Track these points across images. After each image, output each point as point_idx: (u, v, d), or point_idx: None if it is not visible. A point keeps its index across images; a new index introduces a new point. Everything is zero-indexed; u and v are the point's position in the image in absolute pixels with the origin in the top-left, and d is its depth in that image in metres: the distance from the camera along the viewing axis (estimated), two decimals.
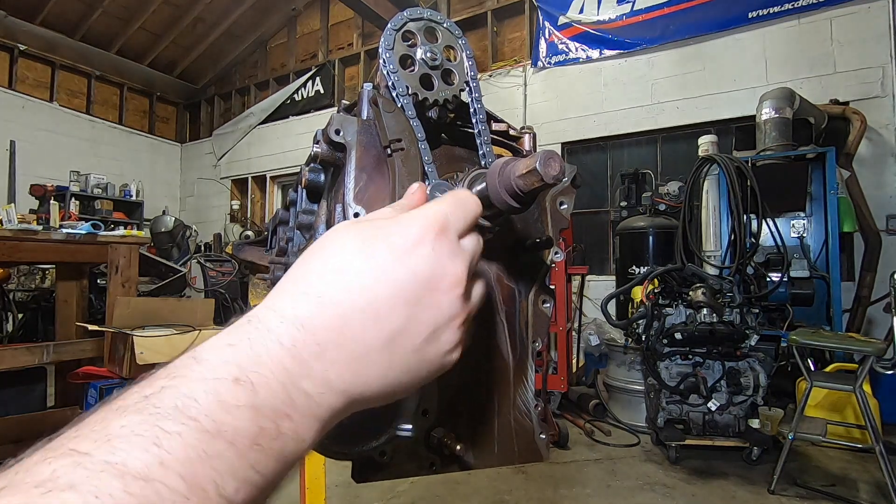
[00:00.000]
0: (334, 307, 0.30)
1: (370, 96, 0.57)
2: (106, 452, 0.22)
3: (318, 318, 0.30)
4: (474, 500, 2.73)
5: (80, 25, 8.86)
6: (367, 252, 0.32)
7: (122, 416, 0.24)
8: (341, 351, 0.30)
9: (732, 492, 2.84)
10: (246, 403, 0.26)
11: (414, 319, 0.32)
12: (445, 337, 0.34)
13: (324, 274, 0.32)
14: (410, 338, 0.32)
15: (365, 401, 0.32)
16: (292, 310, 0.30)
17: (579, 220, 6.53)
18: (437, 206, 0.36)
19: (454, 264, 0.34)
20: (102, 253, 2.83)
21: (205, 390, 0.25)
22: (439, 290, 0.33)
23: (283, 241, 0.82)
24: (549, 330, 2.94)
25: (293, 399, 0.28)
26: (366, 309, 0.31)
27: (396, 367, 0.32)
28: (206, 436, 0.24)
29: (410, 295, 0.32)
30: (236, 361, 0.27)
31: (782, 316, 4.00)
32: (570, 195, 0.64)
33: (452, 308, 0.34)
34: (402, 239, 0.33)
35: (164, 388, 0.25)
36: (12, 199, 7.35)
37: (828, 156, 4.20)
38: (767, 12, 5.63)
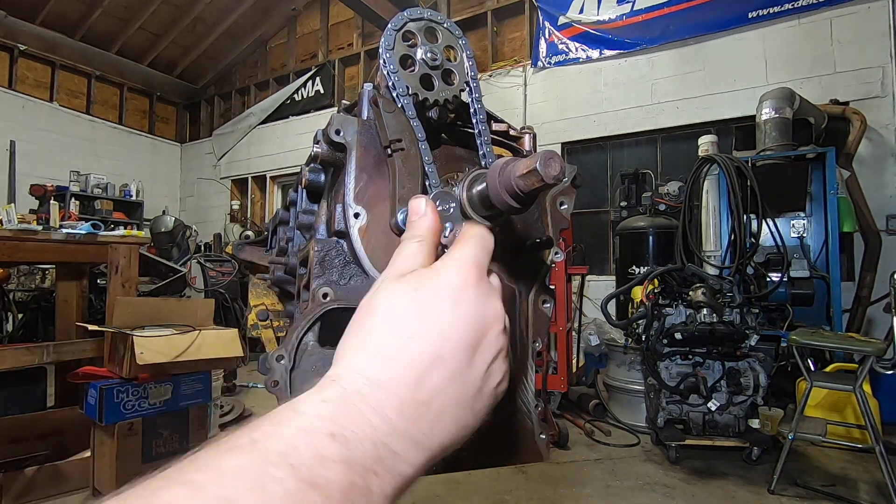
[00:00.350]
0: (408, 366, 0.33)
1: (370, 96, 0.57)
2: (219, 487, 0.24)
3: (395, 378, 0.32)
4: (474, 500, 2.73)
5: (80, 25, 8.86)
6: (422, 307, 0.35)
7: (234, 455, 0.26)
8: (419, 406, 0.32)
9: (732, 492, 2.83)
10: (340, 459, 0.27)
11: (473, 362, 0.35)
12: (496, 371, 0.37)
13: (389, 336, 0.34)
14: (473, 379, 0.35)
15: (442, 450, 0.34)
16: (373, 372, 0.32)
17: (579, 220, 6.53)
18: (468, 252, 0.38)
19: (493, 303, 0.37)
20: (102, 253, 2.83)
21: (305, 442, 0.27)
22: (486, 330, 0.36)
23: (283, 241, 0.82)
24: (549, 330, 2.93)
25: (381, 456, 0.30)
26: (434, 360, 0.33)
27: (466, 407, 0.35)
28: (305, 486, 0.25)
29: (466, 340, 0.35)
30: (331, 417, 0.29)
31: (782, 316, 4.00)
32: (570, 195, 0.64)
33: (499, 343, 0.37)
34: (448, 288, 0.35)
35: (270, 435, 0.27)
36: (12, 199, 7.35)
37: (828, 156, 4.20)
38: (767, 12, 5.63)
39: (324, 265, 0.53)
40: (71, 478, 2.61)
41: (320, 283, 0.52)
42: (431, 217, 0.41)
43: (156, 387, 2.46)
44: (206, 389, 2.64)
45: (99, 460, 2.48)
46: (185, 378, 2.54)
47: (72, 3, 8.48)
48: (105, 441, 2.42)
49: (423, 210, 0.42)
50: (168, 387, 2.49)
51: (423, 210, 0.42)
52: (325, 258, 0.53)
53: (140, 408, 2.42)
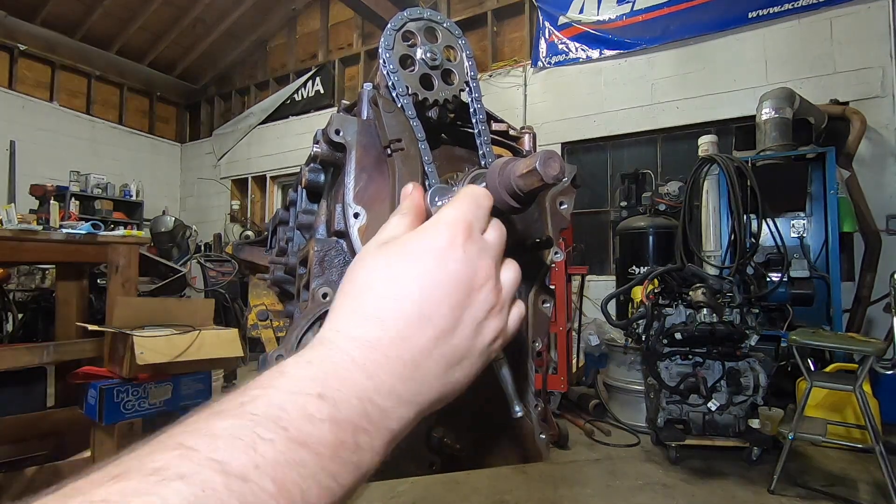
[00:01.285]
0: (394, 326, 0.33)
1: (370, 96, 0.57)
2: (210, 450, 0.25)
3: (383, 338, 0.33)
4: (474, 500, 2.73)
5: (80, 25, 8.86)
6: (406, 269, 0.35)
7: (223, 419, 0.27)
8: (406, 364, 0.33)
9: (732, 492, 2.83)
10: (328, 417, 0.28)
11: (459, 319, 0.35)
12: (488, 328, 0.37)
13: (375, 298, 0.35)
14: (459, 336, 0.35)
15: (430, 405, 0.35)
16: (360, 331, 0.33)
17: (579, 220, 6.53)
18: (457, 210, 0.38)
19: (483, 261, 0.37)
20: (102, 253, 2.82)
21: (293, 403, 0.28)
22: (475, 289, 0.36)
23: (283, 241, 0.82)
24: (549, 330, 2.94)
25: (368, 413, 0.30)
26: (420, 319, 0.34)
27: (453, 367, 0.35)
28: (294, 445, 0.26)
29: (453, 298, 0.35)
30: (318, 377, 0.30)
31: (782, 316, 4.00)
32: (570, 195, 0.64)
33: (488, 301, 0.37)
34: (433, 248, 0.36)
35: (256, 398, 0.28)
36: (12, 199, 7.36)
37: (828, 156, 4.20)
38: (767, 12, 5.63)
39: (323, 265, 0.53)
40: (71, 478, 2.61)
41: (320, 282, 0.52)
42: (416, 196, 0.43)
43: (156, 387, 2.46)
44: (206, 389, 2.64)
45: (99, 460, 2.46)
46: (185, 378, 2.54)
47: (72, 3, 8.48)
48: (105, 441, 2.42)
49: (409, 192, 0.44)
50: (168, 387, 2.49)
51: (409, 192, 0.44)
52: (324, 258, 0.53)
53: (140, 408, 2.42)
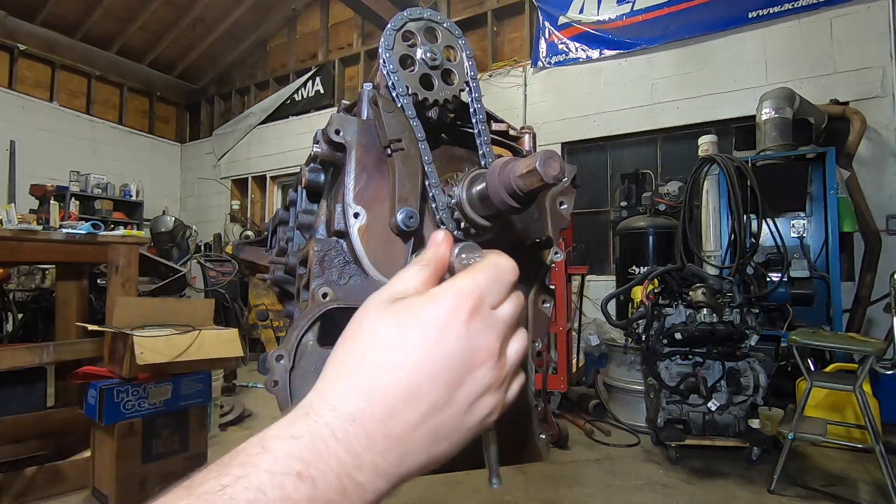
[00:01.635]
0: (382, 401, 0.33)
1: (370, 96, 0.57)
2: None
3: (367, 412, 0.32)
4: (474, 500, 2.73)
5: (80, 25, 8.86)
6: (405, 339, 0.34)
7: (201, 502, 0.27)
8: (389, 440, 0.33)
9: (732, 492, 2.83)
10: (306, 497, 0.29)
11: (452, 398, 0.34)
12: (483, 405, 0.36)
13: (367, 367, 0.34)
14: (450, 414, 0.35)
15: (410, 476, 0.34)
16: (345, 404, 0.33)
17: (579, 220, 6.53)
18: (473, 281, 0.36)
19: (487, 338, 0.36)
20: (102, 253, 2.83)
21: (272, 484, 0.28)
22: (473, 367, 0.35)
23: (283, 241, 0.82)
24: (549, 330, 2.93)
25: (346, 489, 0.30)
26: (409, 396, 0.33)
27: (439, 441, 0.35)
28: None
29: (447, 376, 0.34)
30: (299, 455, 0.30)
31: (782, 316, 4.00)
32: (570, 195, 0.64)
33: (486, 379, 0.36)
34: (436, 320, 0.34)
35: (239, 479, 0.28)
36: (12, 199, 7.36)
37: (828, 156, 4.20)
38: (767, 12, 5.63)
39: (323, 265, 0.53)
40: (71, 478, 2.62)
41: (320, 282, 0.52)
42: (443, 249, 0.40)
43: (156, 387, 2.46)
44: (206, 389, 2.64)
45: (99, 460, 2.48)
46: (185, 378, 2.54)
47: (72, 3, 8.48)
48: (105, 441, 2.42)
49: (438, 241, 0.41)
50: (168, 387, 2.49)
51: (438, 241, 0.41)
52: (324, 258, 0.53)
53: (140, 408, 2.42)
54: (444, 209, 0.54)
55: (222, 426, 3.78)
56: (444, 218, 0.54)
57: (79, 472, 2.61)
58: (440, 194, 0.54)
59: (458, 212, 0.53)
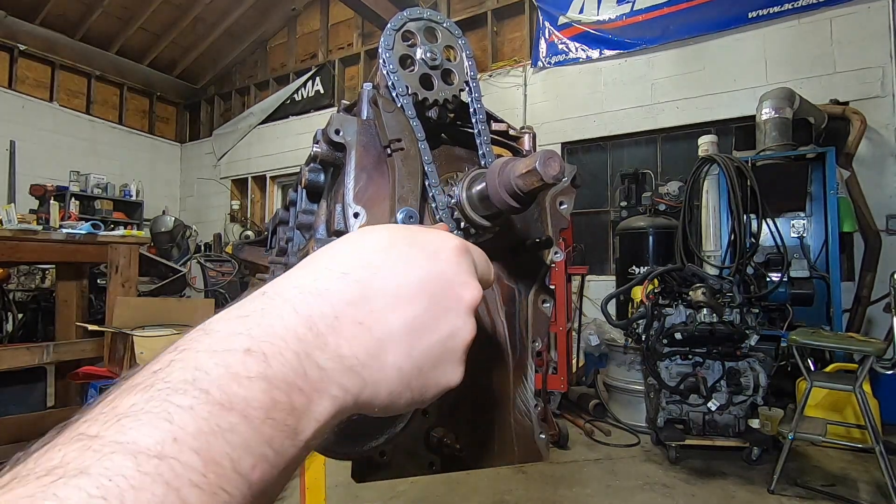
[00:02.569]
0: (357, 283, 0.30)
1: (370, 96, 0.57)
2: (116, 433, 0.21)
3: (337, 291, 0.29)
4: (474, 500, 2.73)
5: (80, 25, 8.86)
6: (398, 246, 0.33)
7: (132, 394, 0.23)
8: (359, 328, 0.29)
9: (732, 492, 2.83)
10: (257, 374, 0.25)
11: (435, 316, 0.32)
12: (456, 350, 0.33)
13: (351, 255, 0.32)
14: (429, 333, 0.32)
15: (375, 393, 0.30)
16: (313, 282, 0.29)
17: (579, 220, 6.53)
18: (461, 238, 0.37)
19: (473, 281, 0.35)
20: (102, 253, 2.83)
21: (215, 362, 0.24)
22: (459, 298, 0.33)
23: (283, 241, 0.82)
24: (549, 330, 2.93)
25: (306, 371, 0.26)
26: (390, 291, 0.30)
27: (412, 360, 0.31)
28: (219, 408, 0.23)
29: (435, 290, 0.32)
30: (247, 332, 0.26)
31: (782, 316, 4.00)
32: (569, 195, 0.64)
33: (468, 322, 0.34)
34: (431, 244, 0.34)
35: (172, 362, 0.24)
36: (12, 199, 7.35)
37: (828, 156, 4.20)
38: (767, 12, 5.63)
39: None
40: None
41: None
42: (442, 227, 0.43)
43: None
44: None
45: None
46: None
47: (72, 3, 8.48)
48: None
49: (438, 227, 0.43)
50: None
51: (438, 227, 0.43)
52: None
53: None
54: (443, 209, 0.54)
55: None
56: (443, 218, 0.54)
57: None
58: (440, 194, 0.54)
59: (458, 212, 0.53)
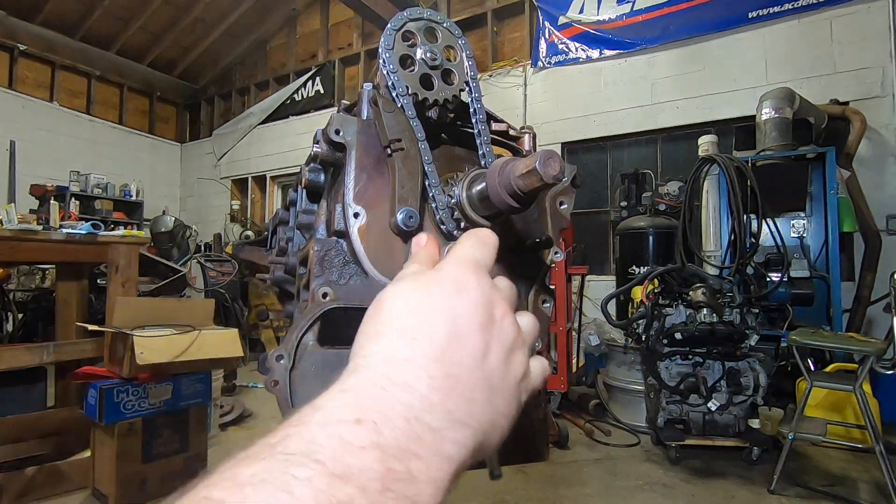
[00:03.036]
0: (429, 341, 0.31)
1: (370, 96, 0.57)
2: (238, 500, 0.22)
3: (419, 353, 0.31)
4: (474, 500, 2.73)
5: (80, 25, 8.86)
6: (427, 296, 0.34)
7: (252, 464, 0.24)
8: (450, 379, 0.30)
9: (732, 492, 2.83)
10: (370, 444, 0.25)
11: (489, 342, 0.34)
12: (515, 360, 0.35)
13: (402, 321, 0.33)
14: (494, 357, 0.33)
15: (485, 436, 0.31)
16: (395, 352, 0.31)
17: (579, 220, 6.53)
18: (463, 250, 0.39)
19: (497, 294, 0.36)
20: (102, 253, 2.82)
21: (327, 434, 0.25)
22: (497, 316, 0.35)
23: (283, 241, 0.82)
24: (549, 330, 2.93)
25: (419, 435, 0.27)
26: (452, 339, 0.32)
27: (495, 392, 0.33)
28: (335, 480, 0.23)
29: (478, 320, 0.34)
30: (354, 403, 0.27)
31: (782, 316, 3.99)
32: (569, 195, 0.64)
33: (513, 329, 0.36)
34: (451, 281, 0.35)
35: (288, 436, 0.25)
36: (12, 199, 7.34)
37: (828, 156, 4.20)
38: (767, 12, 5.63)
39: (323, 265, 0.53)
40: (71, 478, 2.61)
41: (320, 282, 0.52)
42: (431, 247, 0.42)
43: (156, 387, 2.46)
44: (206, 389, 2.64)
45: (99, 460, 2.48)
46: (185, 378, 2.54)
47: (72, 3, 8.48)
48: (105, 441, 2.42)
49: (423, 242, 0.43)
50: (168, 387, 2.49)
51: (423, 242, 0.43)
52: (324, 258, 0.53)
53: (140, 408, 2.42)
54: (443, 209, 0.54)
55: (222, 426, 3.78)
56: (443, 218, 0.54)
57: (79, 472, 2.61)
58: (440, 194, 0.54)
59: (458, 212, 0.53)
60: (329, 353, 0.51)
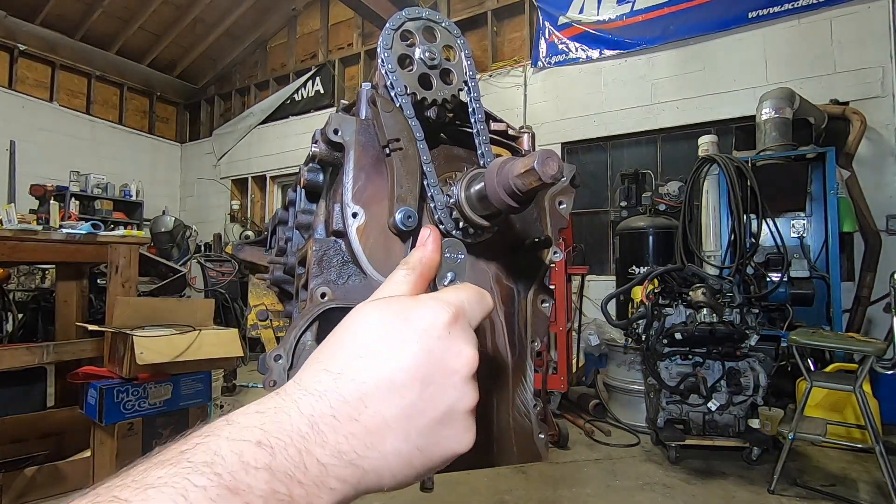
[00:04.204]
0: (351, 383, 0.32)
1: (368, 96, 0.57)
2: (141, 501, 0.25)
3: (334, 391, 0.32)
4: (474, 500, 2.73)
5: (80, 25, 8.86)
6: (388, 332, 0.34)
7: (160, 468, 0.27)
8: (356, 424, 0.31)
9: (732, 492, 2.83)
10: (263, 465, 0.28)
11: (429, 398, 0.33)
12: (459, 420, 0.35)
13: (345, 354, 0.34)
14: (425, 414, 0.33)
15: (378, 478, 0.32)
16: (314, 384, 0.32)
17: (579, 220, 6.53)
18: (457, 294, 0.38)
19: (468, 348, 0.35)
20: (102, 253, 2.82)
21: (231, 450, 0.28)
22: (453, 372, 0.34)
23: (282, 241, 0.82)
24: (549, 330, 2.93)
25: (306, 465, 0.29)
26: (382, 384, 0.32)
27: (411, 443, 0.33)
28: (227, 492, 0.26)
29: (426, 373, 0.33)
30: (261, 426, 0.29)
31: (782, 316, 4.00)
32: (568, 195, 0.64)
33: (466, 390, 0.35)
34: (421, 321, 0.34)
35: (197, 445, 0.28)
36: (12, 199, 7.35)
37: (828, 156, 4.20)
38: (767, 12, 5.63)
39: (322, 265, 0.53)
40: (71, 478, 2.61)
41: (318, 282, 0.52)
42: (430, 249, 0.41)
43: (156, 387, 2.46)
44: (206, 389, 2.64)
45: (99, 460, 2.48)
46: (185, 378, 2.54)
47: (72, 3, 8.48)
48: (105, 441, 2.42)
49: (424, 240, 0.42)
50: (168, 387, 2.49)
51: (424, 240, 0.42)
52: (323, 258, 0.53)
53: (140, 408, 2.42)
54: (442, 209, 0.54)
55: None
56: (442, 218, 0.54)
57: (79, 472, 2.61)
58: (438, 194, 0.54)
59: (457, 211, 0.53)
60: None
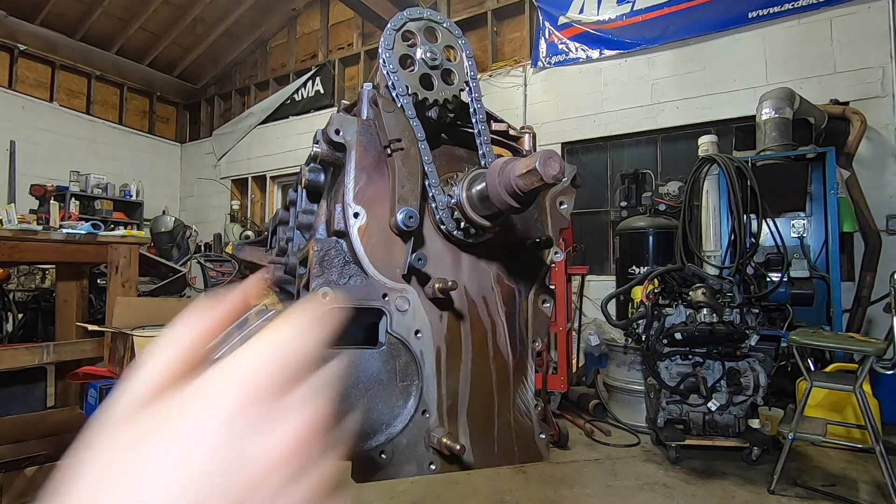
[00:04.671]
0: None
1: (370, 96, 0.57)
2: None
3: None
4: (474, 500, 2.73)
5: (80, 25, 8.86)
6: (159, 452, 0.24)
7: None
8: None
9: (732, 492, 2.83)
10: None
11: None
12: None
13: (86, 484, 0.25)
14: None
15: None
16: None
17: (579, 220, 6.53)
18: (244, 363, 0.27)
19: (269, 439, 0.25)
20: (102, 253, 2.83)
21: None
22: (248, 485, 0.24)
23: (283, 241, 0.82)
24: (549, 330, 2.93)
25: None
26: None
27: None
28: None
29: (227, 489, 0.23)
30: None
31: (782, 316, 4.00)
32: (569, 195, 0.64)
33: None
34: (191, 433, 0.24)
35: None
36: (12, 199, 7.35)
37: (828, 156, 4.20)
38: (767, 12, 5.63)
39: (323, 265, 0.53)
40: None
41: (320, 282, 0.52)
42: (232, 302, 0.31)
43: None
44: None
45: None
46: None
47: (72, 3, 8.48)
48: None
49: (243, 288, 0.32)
50: None
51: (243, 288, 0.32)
52: (324, 258, 0.53)
53: None
54: (443, 209, 0.54)
55: None
56: (443, 218, 0.54)
57: None
58: (440, 194, 0.54)
59: (458, 212, 0.53)
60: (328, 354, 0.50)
